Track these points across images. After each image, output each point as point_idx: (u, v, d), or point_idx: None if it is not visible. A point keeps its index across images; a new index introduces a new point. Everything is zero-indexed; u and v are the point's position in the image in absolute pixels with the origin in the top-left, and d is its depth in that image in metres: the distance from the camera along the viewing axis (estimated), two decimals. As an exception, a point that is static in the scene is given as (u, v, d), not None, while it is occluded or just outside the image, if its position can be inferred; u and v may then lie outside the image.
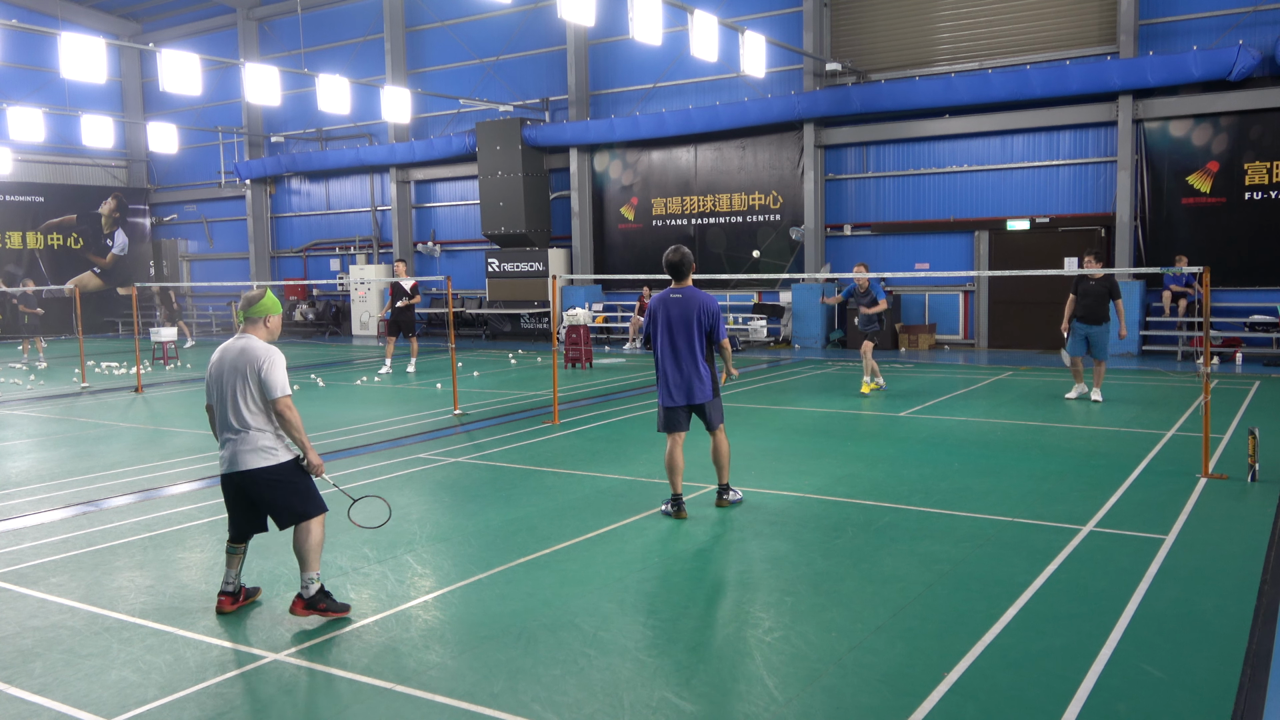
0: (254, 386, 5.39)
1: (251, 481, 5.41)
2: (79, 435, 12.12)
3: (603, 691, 4.50)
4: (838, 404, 13.21)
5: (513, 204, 25.20)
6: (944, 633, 5.08)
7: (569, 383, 15.79)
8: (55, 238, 32.57)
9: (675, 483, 7.56)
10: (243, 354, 5.43)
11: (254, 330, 5.59)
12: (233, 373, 5.41)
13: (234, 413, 5.40)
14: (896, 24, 21.04)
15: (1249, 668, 4.60)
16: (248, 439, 5.39)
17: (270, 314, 5.62)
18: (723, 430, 7.72)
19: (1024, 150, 19.97)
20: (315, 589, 5.43)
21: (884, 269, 21.11)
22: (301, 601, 5.43)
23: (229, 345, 5.53)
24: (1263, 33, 17.48)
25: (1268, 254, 17.78)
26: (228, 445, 5.43)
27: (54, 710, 4.48)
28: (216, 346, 5.91)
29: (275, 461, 5.43)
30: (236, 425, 5.39)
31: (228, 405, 5.41)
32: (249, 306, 5.60)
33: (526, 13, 25.47)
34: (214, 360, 5.54)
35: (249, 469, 5.39)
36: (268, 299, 5.61)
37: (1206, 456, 8.50)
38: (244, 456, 5.38)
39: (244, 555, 5.70)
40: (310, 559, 5.44)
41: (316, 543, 5.47)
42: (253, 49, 30.52)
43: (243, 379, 5.39)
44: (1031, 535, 6.82)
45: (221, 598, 5.64)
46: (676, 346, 7.45)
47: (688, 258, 7.55)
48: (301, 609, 5.42)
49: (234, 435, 5.40)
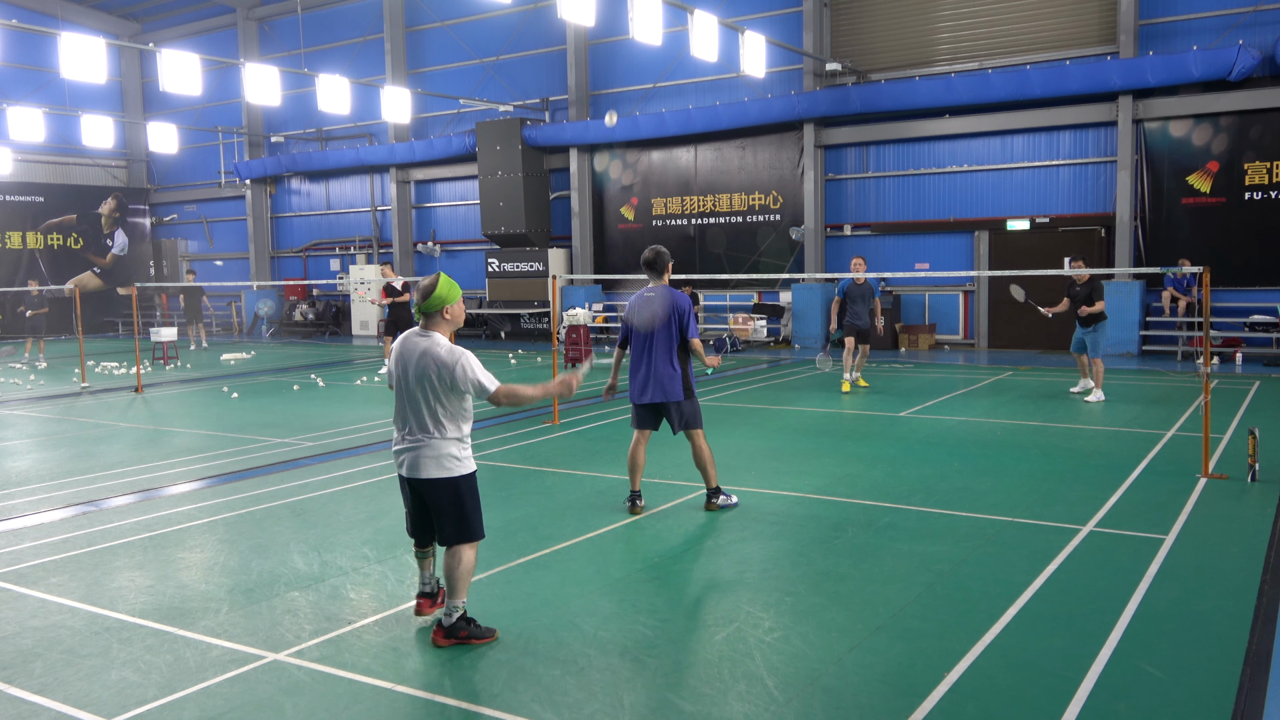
0: (444, 394, 5.01)
1: (430, 489, 5.10)
2: (79, 435, 12.12)
3: (603, 691, 4.50)
4: (838, 404, 13.21)
5: (513, 204, 25.20)
6: (944, 633, 5.08)
7: (569, 383, 15.77)
8: (55, 238, 32.57)
9: (633, 479, 7.65)
10: (426, 356, 5.00)
11: (434, 326, 5.11)
12: (419, 377, 5.02)
13: (418, 417, 5.05)
14: (896, 24, 21.04)
15: (1249, 668, 4.60)
16: (432, 446, 5.04)
17: (448, 303, 5.10)
18: (700, 433, 7.57)
19: (1024, 150, 19.97)
20: (458, 616, 5.10)
21: (884, 269, 21.12)
22: (442, 630, 5.10)
23: (412, 341, 5.10)
24: (1263, 33, 17.48)
25: (1268, 254, 17.78)
26: (410, 447, 5.09)
27: (54, 710, 4.48)
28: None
29: (458, 473, 5.09)
30: (420, 431, 5.05)
31: (413, 407, 5.06)
32: (424, 299, 5.06)
33: (526, 13, 25.47)
34: (398, 352, 5.13)
35: (430, 478, 5.06)
36: (442, 286, 5.06)
37: (1206, 456, 8.50)
38: (426, 464, 5.05)
39: (435, 555, 5.48)
40: (459, 586, 5.09)
41: (468, 569, 5.12)
42: (253, 49, 30.52)
43: (430, 385, 5.00)
44: (1031, 535, 6.82)
45: (420, 600, 5.47)
46: (647, 344, 7.42)
47: (663, 256, 7.52)
48: (442, 638, 5.08)
49: (417, 439, 5.06)
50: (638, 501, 7.65)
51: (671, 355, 7.39)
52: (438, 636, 5.09)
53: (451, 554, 5.11)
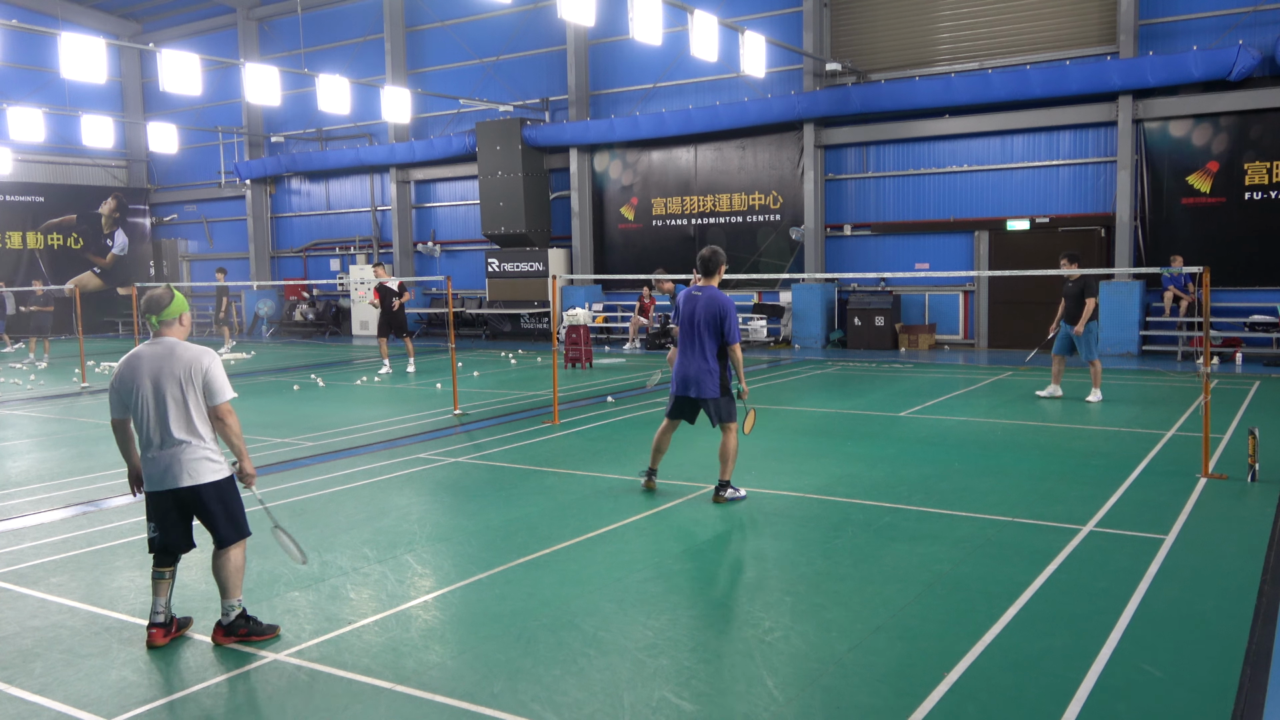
0: (198, 392, 5.04)
1: (197, 496, 5.06)
2: (79, 435, 12.12)
3: (603, 691, 4.50)
4: (838, 404, 13.21)
5: (513, 204, 25.20)
6: (944, 633, 5.08)
7: (569, 383, 15.78)
8: (55, 238, 32.57)
9: (654, 459, 8.28)
10: (172, 358, 5.03)
11: (171, 332, 5.16)
12: (167, 379, 5.00)
13: (175, 423, 5.00)
14: (896, 24, 21.04)
15: (1249, 668, 4.60)
16: (192, 450, 5.03)
17: (184, 311, 5.21)
18: (733, 428, 7.93)
19: (1024, 150, 19.97)
20: (236, 615, 5.15)
21: (884, 269, 21.15)
22: (221, 629, 5.14)
23: (145, 352, 5.08)
24: (1263, 33, 17.48)
25: (1268, 254, 17.78)
26: (163, 458, 5.02)
27: (54, 710, 4.47)
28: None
29: (223, 475, 5.13)
30: (178, 436, 5.00)
31: (165, 415, 5.00)
32: (160, 309, 5.12)
33: (526, 13, 25.47)
34: (127, 369, 5.07)
35: (200, 483, 5.03)
36: (179, 298, 5.19)
37: (1206, 456, 8.50)
38: (193, 468, 5.02)
39: (173, 579, 5.25)
40: (233, 584, 5.15)
41: (239, 566, 5.18)
42: (253, 49, 30.52)
43: (180, 385, 5.01)
44: (1031, 535, 6.82)
45: (152, 630, 5.14)
46: (689, 341, 7.83)
47: (718, 257, 7.93)
48: (222, 637, 5.12)
49: (174, 447, 5.01)
50: (652, 477, 8.29)
51: (710, 354, 7.78)
52: (217, 635, 5.16)
53: (224, 554, 5.17)
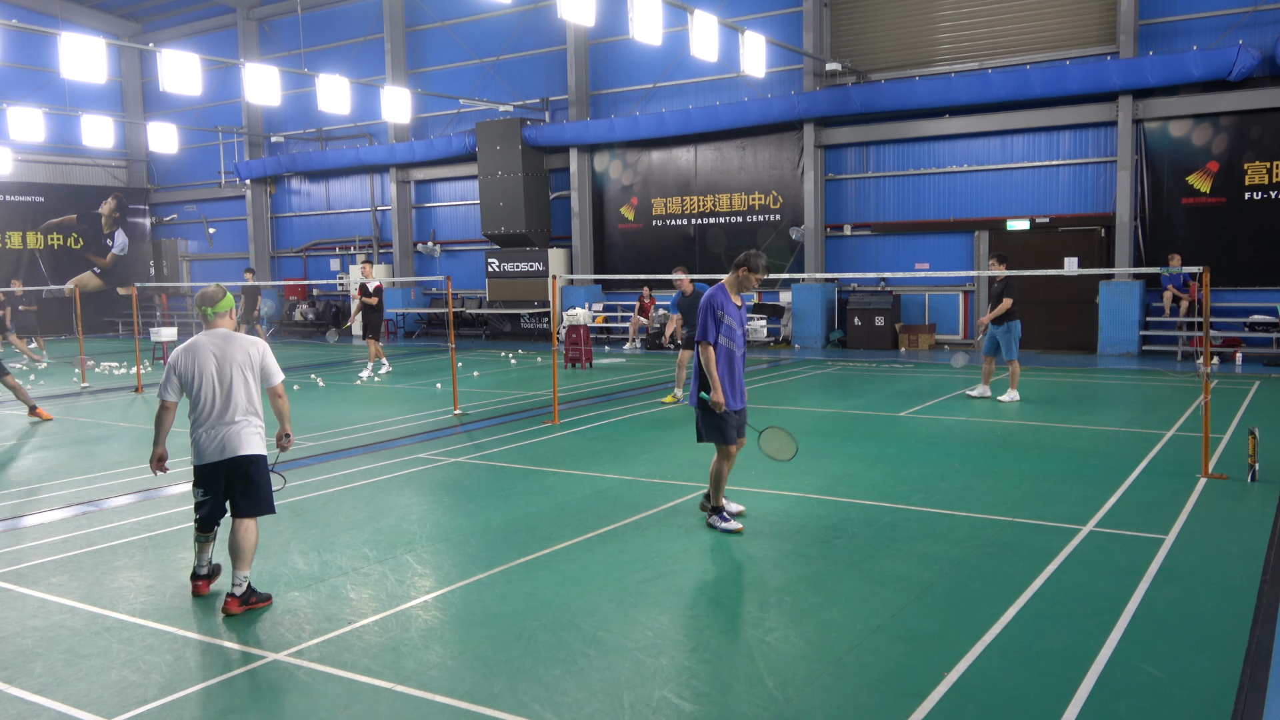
0: (254, 374, 5.75)
1: (248, 465, 5.70)
2: (79, 435, 12.12)
3: (603, 691, 4.50)
4: (838, 404, 13.21)
5: (513, 204, 25.20)
6: (944, 633, 5.08)
7: (569, 383, 15.78)
8: (55, 238, 32.57)
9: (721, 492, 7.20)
10: (232, 344, 5.73)
11: (223, 323, 5.86)
12: (229, 363, 5.68)
13: (238, 400, 5.68)
14: (896, 24, 21.03)
15: (1249, 668, 4.60)
16: (250, 425, 5.73)
17: (232, 308, 5.93)
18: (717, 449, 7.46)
19: (1024, 150, 19.97)
20: (246, 588, 5.64)
21: (884, 269, 21.14)
22: (236, 599, 5.60)
23: (205, 340, 5.74)
24: (1263, 33, 17.48)
25: (1268, 254, 17.77)
26: (224, 431, 5.66)
27: (54, 710, 4.48)
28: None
29: (266, 452, 5.84)
30: (241, 412, 5.69)
31: (231, 393, 5.66)
32: (214, 303, 5.83)
33: (526, 13, 25.46)
34: (187, 355, 5.69)
35: (254, 453, 5.72)
36: (228, 295, 5.92)
37: (1206, 456, 8.50)
38: (250, 440, 5.70)
39: (214, 541, 5.97)
40: (248, 556, 5.65)
41: (256, 539, 5.74)
42: (253, 49, 30.51)
43: (243, 368, 5.71)
44: (1031, 535, 6.82)
45: (198, 583, 5.94)
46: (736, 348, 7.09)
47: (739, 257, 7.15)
48: (237, 606, 5.58)
49: (235, 422, 5.68)
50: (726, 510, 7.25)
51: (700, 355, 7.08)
52: (232, 605, 5.58)
53: (247, 527, 5.70)
